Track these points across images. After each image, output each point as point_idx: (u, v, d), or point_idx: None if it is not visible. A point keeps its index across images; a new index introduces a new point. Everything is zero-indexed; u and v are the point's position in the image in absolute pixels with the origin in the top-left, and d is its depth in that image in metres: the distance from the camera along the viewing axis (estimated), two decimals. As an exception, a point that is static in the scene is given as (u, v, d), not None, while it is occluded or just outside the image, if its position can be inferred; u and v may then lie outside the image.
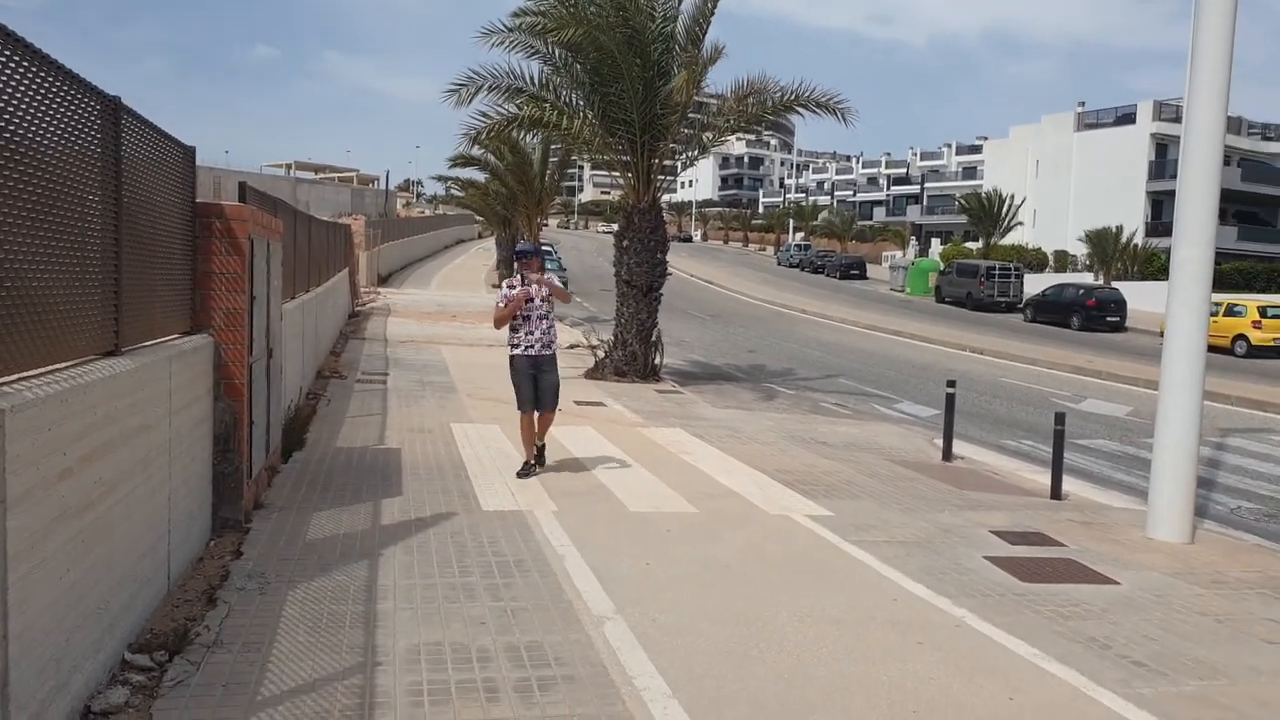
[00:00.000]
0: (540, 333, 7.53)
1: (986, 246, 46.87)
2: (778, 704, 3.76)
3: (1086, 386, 17.05)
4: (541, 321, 7.54)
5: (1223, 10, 6.58)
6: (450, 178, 45.01)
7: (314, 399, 10.69)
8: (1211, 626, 4.97)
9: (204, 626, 4.16)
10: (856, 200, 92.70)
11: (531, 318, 7.50)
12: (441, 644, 4.14)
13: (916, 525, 6.77)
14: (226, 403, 5.56)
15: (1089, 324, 30.04)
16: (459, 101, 13.76)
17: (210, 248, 5.48)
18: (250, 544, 5.40)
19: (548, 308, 7.57)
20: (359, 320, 20.86)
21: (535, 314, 7.49)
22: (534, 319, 7.50)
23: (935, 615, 4.88)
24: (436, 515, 6.27)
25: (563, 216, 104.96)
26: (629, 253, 14.47)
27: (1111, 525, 7.21)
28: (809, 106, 14.03)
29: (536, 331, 7.51)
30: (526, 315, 7.49)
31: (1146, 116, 48.97)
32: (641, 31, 13.20)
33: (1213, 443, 11.38)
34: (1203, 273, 6.78)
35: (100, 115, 3.75)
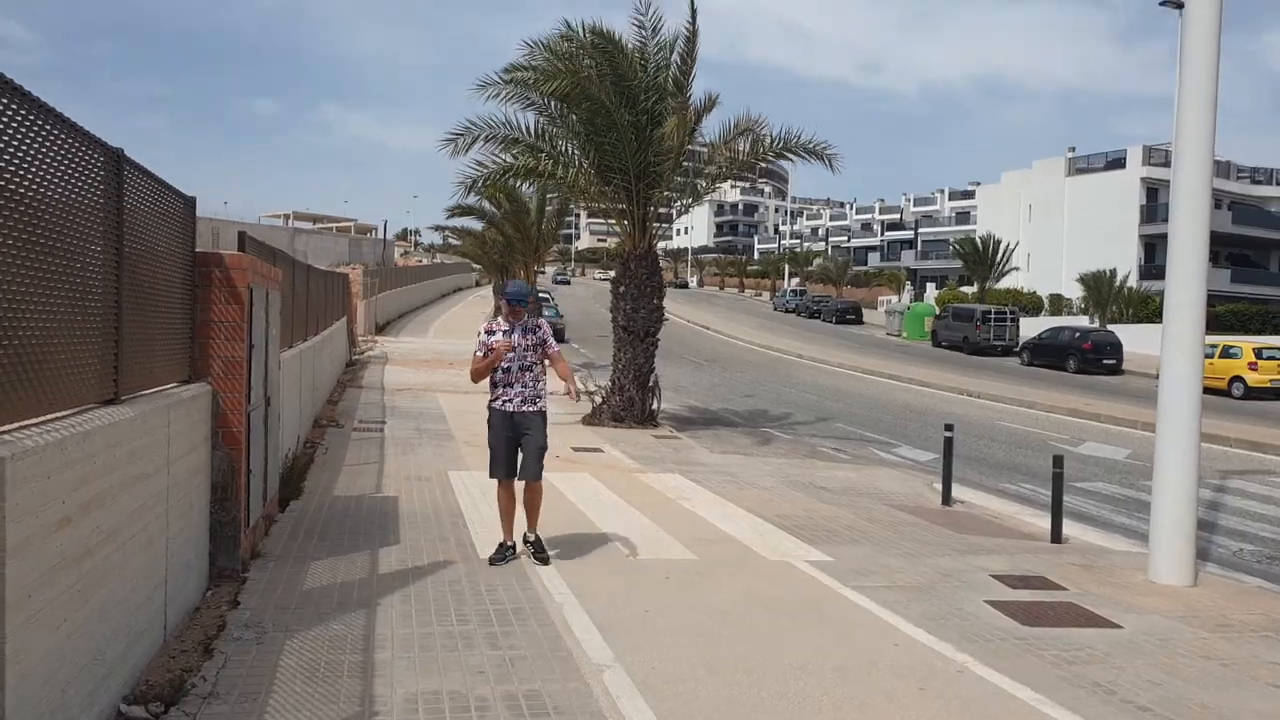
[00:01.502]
0: (521, 386, 6.36)
1: (982, 290, 47.19)
2: None
3: (1085, 429, 17.05)
4: (524, 374, 6.37)
5: (1206, 59, 6.74)
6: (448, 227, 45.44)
7: (312, 447, 10.67)
8: (1217, 670, 4.92)
9: (200, 677, 4.11)
10: (851, 246, 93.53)
11: (512, 370, 6.36)
12: (440, 693, 4.09)
13: (917, 570, 6.73)
14: (224, 451, 5.55)
15: (1086, 367, 30.12)
16: (456, 151, 13.98)
17: (210, 297, 5.52)
18: (247, 593, 5.35)
19: (534, 357, 6.41)
20: (356, 368, 20.88)
21: (516, 365, 6.36)
22: (515, 371, 6.36)
23: (937, 661, 4.84)
24: (434, 563, 6.23)
25: (560, 264, 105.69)
26: (625, 298, 14.57)
27: (1113, 568, 7.17)
28: (798, 152, 14.30)
29: (516, 385, 6.36)
30: (507, 367, 6.37)
31: (1136, 161, 49.68)
32: (631, 82, 13.45)
33: (1213, 485, 11.36)
34: (1196, 315, 6.83)
35: (104, 167, 3.82)
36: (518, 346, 6.37)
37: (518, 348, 6.37)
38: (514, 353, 6.34)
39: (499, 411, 6.38)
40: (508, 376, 6.37)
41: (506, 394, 6.37)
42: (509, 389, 6.37)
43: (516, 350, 6.36)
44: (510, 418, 6.36)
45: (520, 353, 6.37)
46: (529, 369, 6.40)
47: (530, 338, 6.41)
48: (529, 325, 6.44)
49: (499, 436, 6.36)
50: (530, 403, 6.38)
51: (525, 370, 6.38)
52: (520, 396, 6.36)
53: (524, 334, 6.40)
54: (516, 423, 6.35)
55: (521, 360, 6.36)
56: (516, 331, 6.40)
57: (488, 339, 6.43)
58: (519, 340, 6.38)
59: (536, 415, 6.39)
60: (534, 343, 6.41)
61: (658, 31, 13.88)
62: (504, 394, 6.38)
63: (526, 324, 6.44)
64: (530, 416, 6.36)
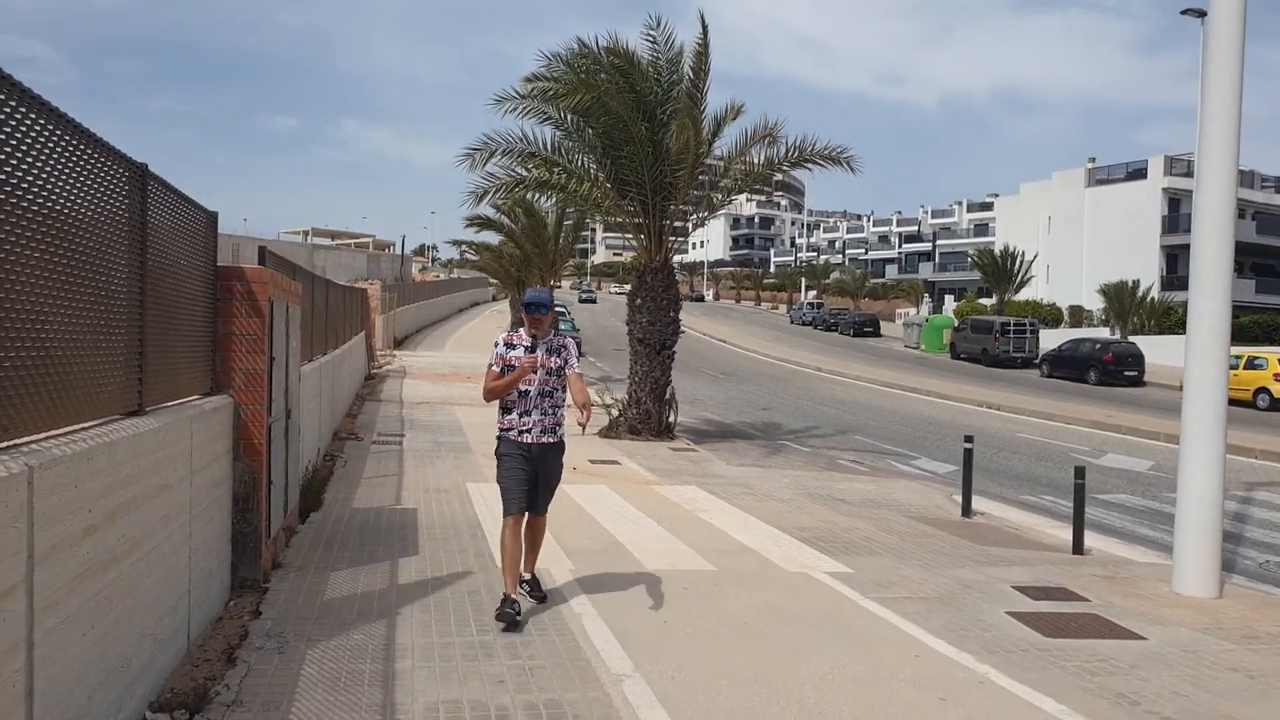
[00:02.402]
0: (541, 414, 5.38)
1: (1001, 302, 46.90)
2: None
3: (1106, 441, 16.88)
4: (544, 400, 5.39)
5: (1230, 68, 6.70)
6: (465, 241, 45.67)
7: (331, 460, 10.74)
8: (1244, 683, 4.86)
9: (224, 685, 4.14)
10: (868, 258, 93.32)
11: (531, 394, 5.37)
12: (460, 702, 4.10)
13: (937, 581, 6.69)
14: (246, 463, 5.61)
15: (1106, 378, 29.85)
16: (473, 166, 14.11)
17: (231, 310, 5.58)
18: (269, 603, 5.39)
19: (557, 381, 5.43)
20: (375, 382, 21.02)
21: (535, 390, 5.37)
22: (534, 396, 5.37)
23: (959, 672, 4.80)
24: (454, 574, 6.25)
25: (576, 278, 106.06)
26: (642, 311, 14.60)
27: (1136, 580, 7.09)
28: (815, 160, 14.30)
29: (535, 414, 5.37)
30: (525, 390, 5.38)
31: (1158, 171, 49.34)
32: (647, 95, 13.54)
33: (1238, 497, 11.21)
34: (1221, 325, 6.77)
35: (128, 181, 3.88)
36: (542, 365, 5.37)
37: (542, 367, 5.37)
38: (535, 373, 5.36)
39: (514, 443, 5.38)
40: (525, 402, 5.37)
41: (524, 423, 5.37)
42: (526, 417, 5.37)
43: (540, 371, 5.37)
44: (528, 451, 5.36)
45: (544, 374, 5.40)
46: (550, 394, 5.40)
47: (555, 359, 5.42)
48: (554, 343, 5.46)
49: (513, 473, 5.34)
50: (551, 433, 5.42)
51: (546, 396, 5.38)
52: (540, 426, 5.38)
53: (549, 353, 5.41)
54: (534, 457, 5.38)
55: (543, 384, 5.38)
56: (541, 348, 5.40)
57: (506, 353, 5.43)
58: (542, 358, 5.38)
59: (557, 447, 5.48)
60: (558, 365, 5.44)
61: (670, 46, 13.98)
62: (520, 422, 5.37)
63: (551, 340, 5.45)
64: (550, 449, 5.43)
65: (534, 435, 5.39)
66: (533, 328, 5.43)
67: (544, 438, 5.41)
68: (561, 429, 5.51)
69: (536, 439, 5.39)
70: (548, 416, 5.43)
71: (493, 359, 5.47)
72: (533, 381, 5.36)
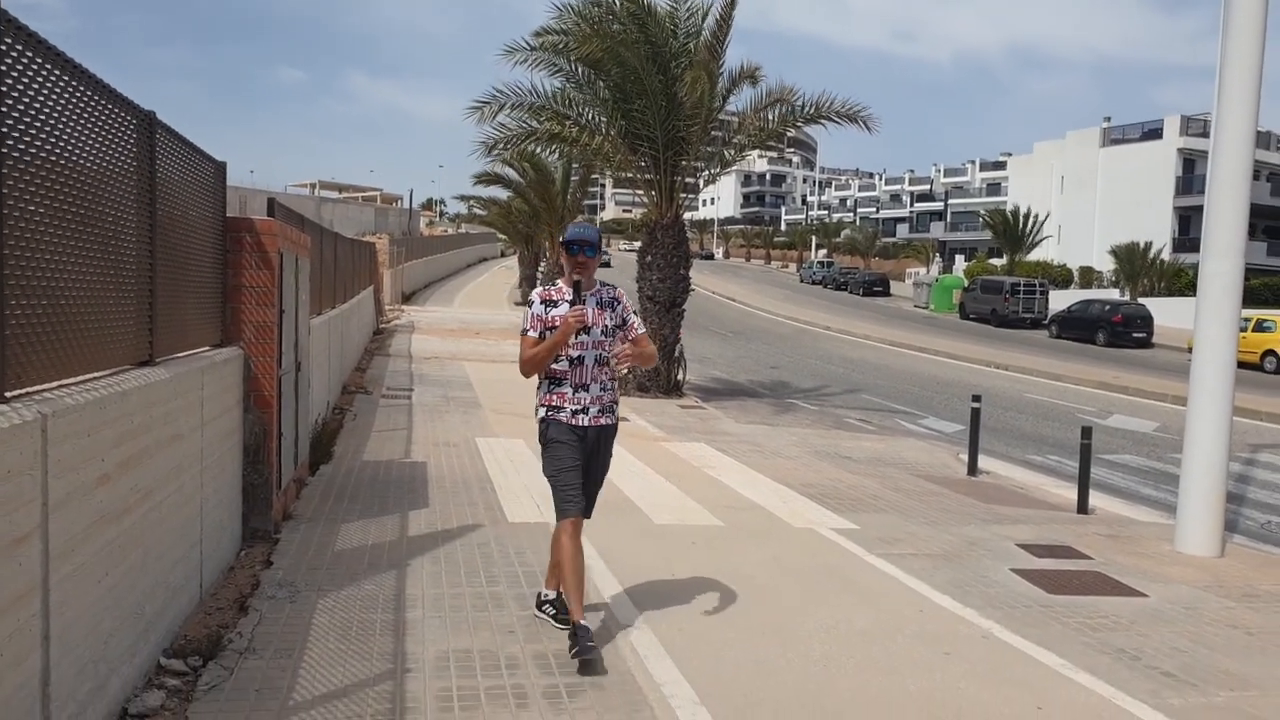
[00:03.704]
0: (600, 389, 4.32)
1: (1011, 263, 46.58)
2: (805, 713, 3.75)
3: (1113, 402, 16.87)
4: (600, 370, 4.32)
5: (1253, 26, 6.56)
6: (473, 196, 45.43)
7: (340, 414, 10.81)
8: (1242, 639, 4.90)
9: (236, 633, 4.21)
10: (880, 217, 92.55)
11: (586, 361, 4.29)
12: (470, 651, 4.17)
13: (942, 539, 6.73)
14: (256, 414, 5.64)
15: (1115, 340, 29.74)
16: (482, 118, 13.96)
17: (241, 261, 5.57)
18: (280, 554, 5.46)
19: (609, 344, 4.35)
20: (383, 337, 21.06)
21: (590, 355, 4.30)
22: (588, 364, 4.30)
23: (962, 627, 4.85)
24: (463, 527, 6.31)
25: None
26: (652, 269, 14.54)
27: (1139, 539, 7.12)
28: (831, 117, 14.08)
29: (594, 388, 4.30)
30: (576, 357, 4.28)
31: (1174, 131, 48.60)
32: (663, 47, 13.32)
33: (1242, 458, 11.22)
34: (1232, 286, 6.72)
35: (136, 129, 3.85)
36: (594, 324, 4.28)
37: (594, 325, 4.28)
38: (588, 333, 4.26)
39: (566, 427, 4.27)
40: (580, 372, 4.28)
41: (578, 399, 4.28)
42: (582, 392, 4.28)
43: (593, 329, 4.28)
44: (584, 436, 4.29)
45: (599, 334, 4.30)
46: (606, 362, 4.34)
47: (608, 316, 4.36)
48: (605, 295, 4.40)
49: (568, 462, 4.25)
50: (609, 411, 4.37)
51: (602, 364, 4.33)
52: (598, 404, 4.31)
53: (600, 307, 4.34)
54: (591, 441, 4.32)
55: (598, 347, 4.31)
56: (590, 301, 4.30)
57: (546, 312, 4.28)
58: (594, 315, 4.29)
59: (612, 431, 4.42)
60: (614, 322, 4.37)
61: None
62: (573, 398, 4.28)
63: (601, 293, 4.39)
64: (606, 434, 4.38)
65: (592, 415, 4.29)
66: (576, 273, 4.27)
67: (602, 418, 4.33)
68: (618, 407, 4.48)
69: (594, 419, 4.30)
70: (606, 392, 4.34)
71: (527, 322, 4.29)
72: (585, 345, 4.26)
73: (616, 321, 4.40)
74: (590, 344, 4.30)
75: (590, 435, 4.32)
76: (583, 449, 4.30)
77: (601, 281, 4.44)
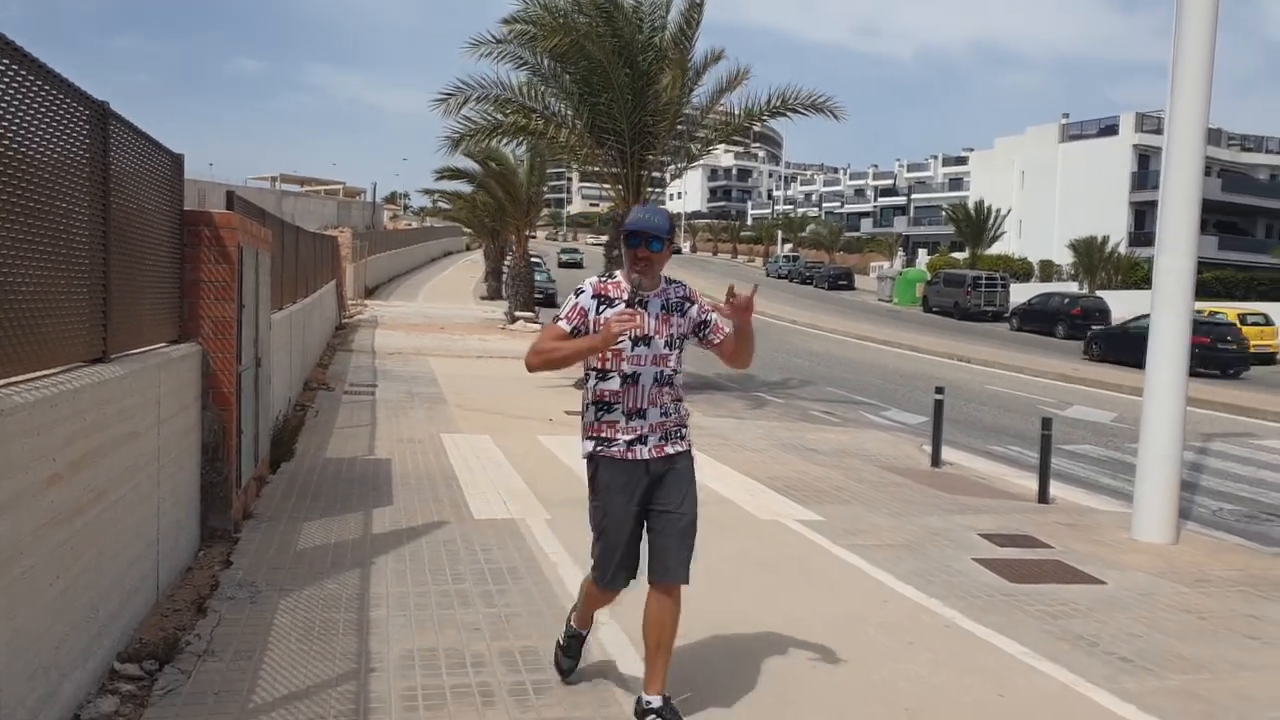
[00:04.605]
0: (661, 412, 3.42)
1: (973, 256, 47.21)
2: (773, 703, 3.77)
3: (1072, 393, 17.17)
4: (662, 391, 3.41)
5: (1204, 26, 6.69)
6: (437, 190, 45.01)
7: (302, 410, 10.66)
8: (1195, 624, 5.02)
9: (194, 635, 4.14)
10: (844, 211, 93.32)
11: (642, 381, 3.38)
12: (436, 650, 4.13)
13: (906, 529, 6.80)
14: (215, 412, 5.54)
15: (1074, 332, 30.24)
16: (447, 111, 13.84)
17: (199, 256, 5.47)
18: (240, 553, 5.37)
19: (676, 359, 3.45)
20: (346, 332, 20.81)
21: (649, 373, 3.39)
22: (644, 384, 3.39)
23: (926, 616, 4.90)
24: (428, 524, 6.25)
25: (551, 228, 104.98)
26: (618, 263, 14.51)
27: (1097, 527, 7.26)
28: (796, 108, 14.14)
29: (653, 412, 3.40)
30: (631, 375, 3.37)
31: (1129, 128, 49.52)
32: (630, 41, 13.29)
33: (1196, 447, 11.47)
34: (1185, 281, 6.86)
35: (89, 120, 3.75)
36: (655, 334, 3.39)
37: (656, 335, 3.38)
38: (647, 345, 3.37)
39: (619, 464, 3.39)
40: (633, 394, 3.37)
41: (634, 427, 3.38)
42: (638, 419, 3.38)
43: (653, 341, 3.38)
44: (644, 472, 3.40)
45: (661, 346, 3.40)
46: (670, 381, 3.43)
47: (675, 320, 3.45)
48: (674, 296, 3.48)
49: (621, 509, 3.40)
50: (675, 438, 3.47)
51: (664, 383, 3.41)
52: (661, 430, 3.42)
53: (667, 310, 3.44)
54: (654, 476, 3.41)
55: (659, 362, 3.39)
56: (654, 305, 3.41)
57: (594, 308, 3.37)
58: (656, 324, 3.39)
59: (685, 459, 3.50)
60: (685, 328, 3.48)
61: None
62: (629, 427, 3.38)
63: (669, 293, 3.47)
64: (677, 463, 3.46)
65: (652, 446, 3.41)
66: (636, 270, 3.40)
67: (668, 445, 3.44)
68: (687, 432, 3.54)
69: (657, 450, 3.41)
70: (670, 415, 3.45)
71: (564, 312, 3.40)
72: (643, 359, 3.36)
73: (689, 327, 3.49)
74: (649, 358, 3.37)
75: (655, 468, 3.40)
76: (644, 487, 3.40)
77: (668, 279, 3.51)
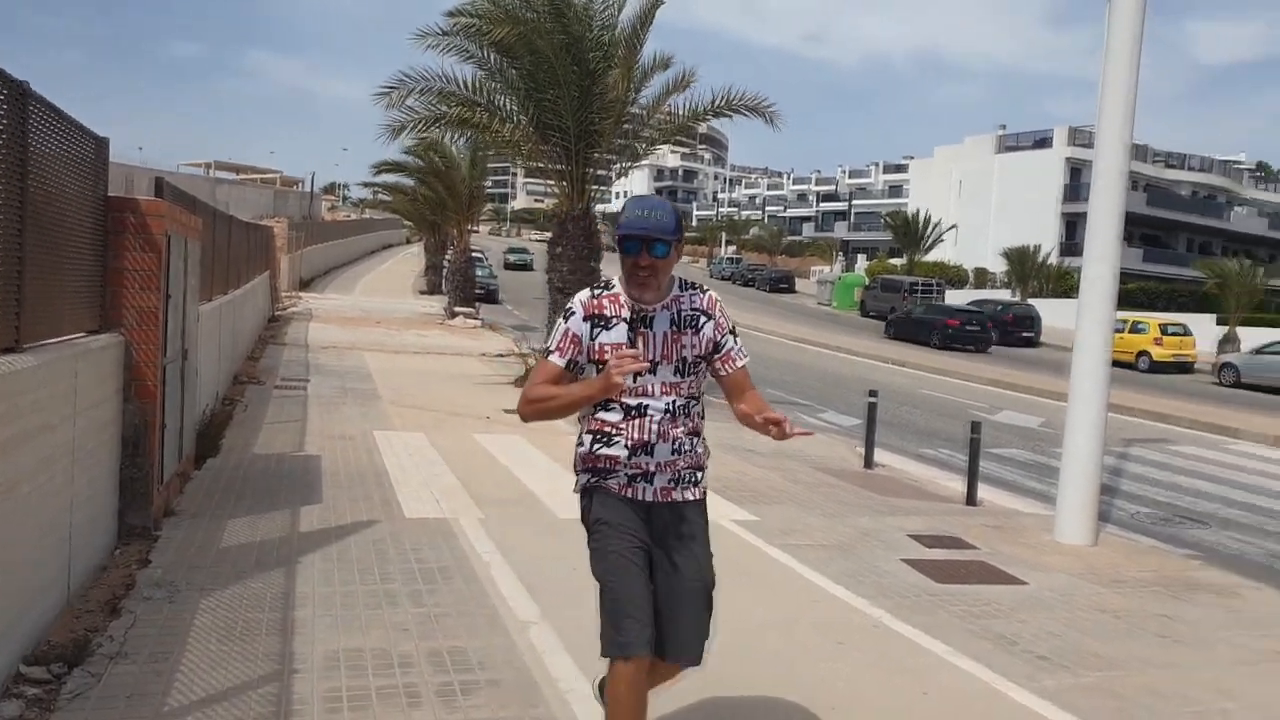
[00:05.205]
0: (671, 449, 2.82)
1: (910, 263, 48.18)
2: (706, 704, 3.79)
3: (1002, 398, 17.65)
4: (674, 422, 2.81)
5: (1130, 46, 6.95)
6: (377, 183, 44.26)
7: (231, 405, 10.38)
8: (1110, 622, 5.20)
9: (107, 637, 3.99)
10: (786, 216, 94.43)
11: (650, 413, 2.79)
12: (362, 650, 4.06)
13: (838, 530, 6.91)
14: (137, 405, 5.36)
15: (1005, 339, 31.11)
16: (390, 104, 13.60)
17: (123, 243, 5.29)
18: (159, 552, 5.20)
19: (694, 385, 2.87)
20: (279, 325, 20.33)
21: (659, 404, 2.79)
22: (657, 415, 2.79)
23: (855, 617, 4.99)
24: (358, 523, 6.14)
25: (494, 223, 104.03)
26: (562, 260, 14.44)
27: (1022, 529, 7.47)
28: (739, 109, 14.24)
29: (660, 447, 2.80)
30: (635, 407, 2.79)
31: (1062, 141, 51.12)
32: (579, 38, 13.23)
33: (1116, 452, 11.89)
34: (1109, 290, 7.11)
35: (6, 101, 3.60)
36: (663, 359, 2.77)
37: (663, 361, 2.77)
38: (654, 372, 2.76)
39: (616, 500, 2.82)
40: (638, 427, 2.78)
41: (638, 463, 2.80)
42: (644, 455, 2.79)
43: (660, 368, 2.77)
44: (644, 514, 2.83)
45: (670, 374, 2.80)
46: (685, 410, 2.83)
47: (689, 338, 2.81)
48: (686, 306, 2.83)
49: (622, 552, 2.75)
50: (688, 482, 2.87)
51: (677, 413, 2.81)
52: (670, 471, 2.83)
53: (677, 327, 2.80)
54: (656, 524, 2.83)
55: (671, 391, 2.80)
56: (661, 321, 2.78)
57: (591, 337, 2.77)
58: (663, 345, 2.77)
59: (696, 511, 2.90)
60: (702, 347, 2.84)
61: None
62: (631, 463, 2.80)
63: (680, 301, 2.83)
64: (687, 514, 2.87)
65: (658, 486, 2.82)
66: (635, 286, 2.74)
67: (675, 490, 2.84)
68: (702, 475, 2.91)
69: (663, 493, 2.83)
70: (683, 454, 2.83)
71: (554, 342, 2.79)
72: (649, 389, 2.76)
73: (705, 348, 2.82)
74: (657, 388, 2.75)
75: (659, 513, 2.80)
76: (649, 532, 2.77)
77: (682, 281, 2.86)
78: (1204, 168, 58.58)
